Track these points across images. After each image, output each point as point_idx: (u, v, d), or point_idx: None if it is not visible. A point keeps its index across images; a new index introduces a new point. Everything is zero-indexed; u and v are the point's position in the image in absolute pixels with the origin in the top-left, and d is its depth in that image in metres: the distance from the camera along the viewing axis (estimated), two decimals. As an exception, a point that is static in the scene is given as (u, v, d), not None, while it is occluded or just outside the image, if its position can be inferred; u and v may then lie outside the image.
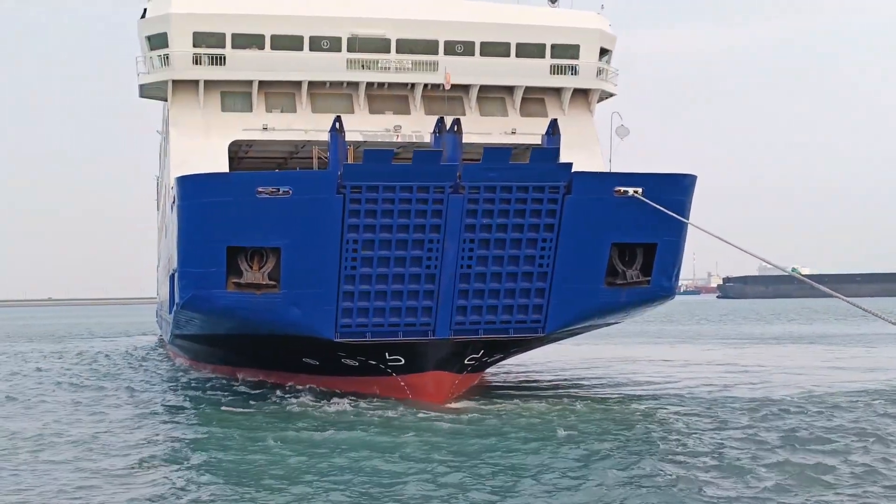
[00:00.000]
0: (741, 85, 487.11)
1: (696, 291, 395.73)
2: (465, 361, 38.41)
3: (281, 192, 34.53)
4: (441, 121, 37.65)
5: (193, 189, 36.37)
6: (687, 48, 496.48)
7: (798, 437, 28.20)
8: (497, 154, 35.77)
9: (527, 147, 42.83)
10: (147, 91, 48.17)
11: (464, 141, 38.21)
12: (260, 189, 34.59)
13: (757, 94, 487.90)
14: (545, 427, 31.03)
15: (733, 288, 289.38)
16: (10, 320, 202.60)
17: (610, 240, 37.54)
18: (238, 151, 48.69)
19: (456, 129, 37.04)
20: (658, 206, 36.35)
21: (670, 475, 23.25)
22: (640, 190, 36.77)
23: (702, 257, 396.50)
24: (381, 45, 45.97)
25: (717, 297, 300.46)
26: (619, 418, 33.03)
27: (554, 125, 39.81)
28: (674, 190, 38.19)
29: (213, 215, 35.43)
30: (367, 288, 35.84)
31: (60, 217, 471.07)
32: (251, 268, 35.55)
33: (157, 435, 31.27)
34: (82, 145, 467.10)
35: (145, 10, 46.21)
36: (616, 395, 40.80)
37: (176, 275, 38.80)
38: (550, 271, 36.97)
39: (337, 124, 37.19)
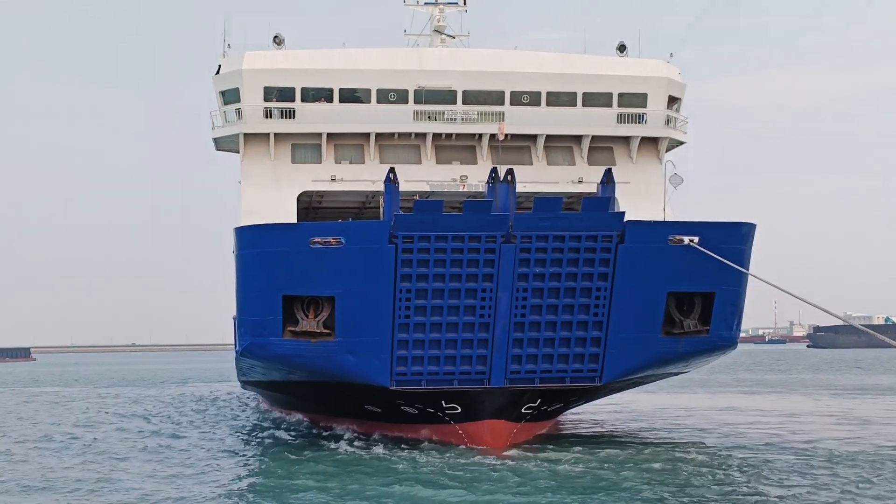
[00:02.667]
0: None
1: (782, 340, 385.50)
2: (522, 410, 38.41)
3: (334, 242, 35.25)
4: (494, 171, 37.97)
5: (250, 239, 37.34)
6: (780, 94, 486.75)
7: None
8: (548, 203, 35.97)
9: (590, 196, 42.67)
10: (221, 144, 49.66)
11: (530, 190, 38.02)
12: (314, 239, 35.35)
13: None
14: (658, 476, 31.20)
15: (824, 337, 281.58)
16: (104, 365, 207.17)
17: (666, 289, 37.32)
18: (311, 202, 49.45)
19: (509, 178, 37.31)
20: (714, 255, 36.03)
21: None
22: (695, 238, 36.53)
23: (784, 306, 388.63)
24: (448, 97, 46.37)
25: (808, 346, 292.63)
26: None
27: (608, 174, 39.82)
28: (732, 238, 37.86)
29: (270, 265, 36.32)
30: (422, 336, 36.23)
31: (145, 264, 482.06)
32: (307, 316, 36.31)
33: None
34: (165, 194, 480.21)
35: (220, 66, 47.65)
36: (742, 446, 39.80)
37: (236, 322, 39.74)
38: (606, 320, 36.88)
39: (391, 175, 37.78)
